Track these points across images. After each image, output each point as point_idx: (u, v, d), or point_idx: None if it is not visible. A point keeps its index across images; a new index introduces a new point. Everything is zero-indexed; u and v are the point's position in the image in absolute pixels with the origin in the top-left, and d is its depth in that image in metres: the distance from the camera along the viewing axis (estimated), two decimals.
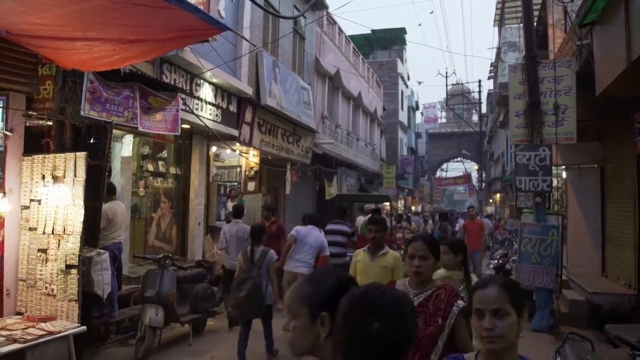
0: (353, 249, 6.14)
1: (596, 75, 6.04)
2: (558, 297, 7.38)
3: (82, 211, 4.47)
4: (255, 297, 5.00)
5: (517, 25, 20.96)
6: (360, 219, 12.13)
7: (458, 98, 35.49)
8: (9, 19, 3.73)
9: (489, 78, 29.47)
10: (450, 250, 3.39)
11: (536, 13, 10.71)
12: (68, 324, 4.35)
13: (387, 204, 15.30)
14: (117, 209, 6.19)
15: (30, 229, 4.76)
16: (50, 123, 5.05)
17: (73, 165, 4.58)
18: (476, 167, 36.82)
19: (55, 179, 4.65)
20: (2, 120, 4.83)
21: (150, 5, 3.23)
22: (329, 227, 7.53)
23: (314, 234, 6.48)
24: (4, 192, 4.68)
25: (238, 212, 7.47)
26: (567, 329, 4.97)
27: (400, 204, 28.87)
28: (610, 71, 5.44)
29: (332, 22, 17.11)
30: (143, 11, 3.35)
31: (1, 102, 4.84)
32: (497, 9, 22.81)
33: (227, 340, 6.38)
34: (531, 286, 7.17)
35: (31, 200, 4.79)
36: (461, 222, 15.78)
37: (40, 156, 4.81)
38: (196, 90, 8.60)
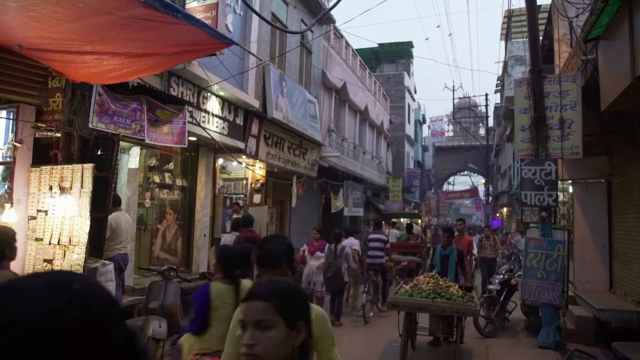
0: (387, 254, 9.39)
1: (601, 90, 6.04)
2: (564, 313, 7.29)
3: (88, 222, 4.51)
4: (338, 277, 7.76)
5: (523, 39, 21.04)
6: (395, 232, 14.77)
7: (465, 111, 35.57)
8: (22, 33, 3.82)
9: (496, 92, 29.57)
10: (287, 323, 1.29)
11: (542, 27, 10.75)
12: None
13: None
14: (122, 218, 6.19)
15: (37, 240, 4.80)
16: (58, 135, 5.13)
17: (80, 177, 4.64)
18: (483, 180, 36.69)
19: (62, 190, 4.71)
20: (12, 132, 4.92)
21: (159, 20, 3.30)
22: (371, 236, 9.50)
23: (350, 241, 9.05)
24: (12, 203, 4.74)
25: (234, 225, 8.01)
26: (573, 346, 4.91)
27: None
28: (615, 86, 5.44)
29: (339, 36, 17.25)
30: (152, 26, 3.42)
31: (11, 113, 4.94)
32: (503, 23, 22.95)
33: None
34: (537, 302, 7.10)
35: (38, 210, 4.85)
36: (476, 238, 14.24)
37: (48, 167, 4.88)
38: (203, 103, 8.68)
